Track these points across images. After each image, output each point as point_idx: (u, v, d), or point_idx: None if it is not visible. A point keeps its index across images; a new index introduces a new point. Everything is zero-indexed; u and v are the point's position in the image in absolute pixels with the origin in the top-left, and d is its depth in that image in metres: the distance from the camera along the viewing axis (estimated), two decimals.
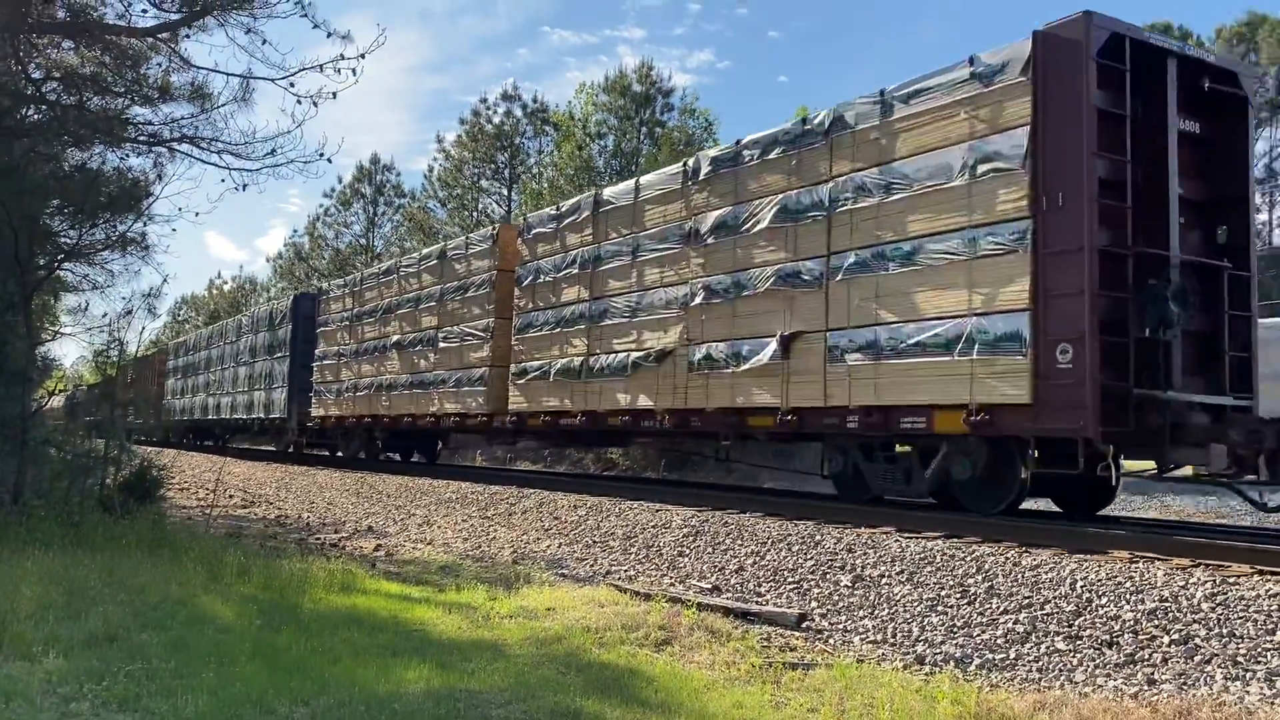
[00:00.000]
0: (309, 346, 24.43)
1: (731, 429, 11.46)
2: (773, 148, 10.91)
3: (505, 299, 16.01)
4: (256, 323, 28.60)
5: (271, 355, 26.34)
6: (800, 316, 10.28)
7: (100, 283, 14.64)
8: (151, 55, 11.38)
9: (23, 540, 8.11)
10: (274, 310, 27.49)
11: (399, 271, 20.14)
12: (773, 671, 5.60)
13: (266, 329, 27.15)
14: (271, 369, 26.17)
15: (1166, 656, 5.49)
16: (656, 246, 12.54)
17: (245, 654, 5.25)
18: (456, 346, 17.22)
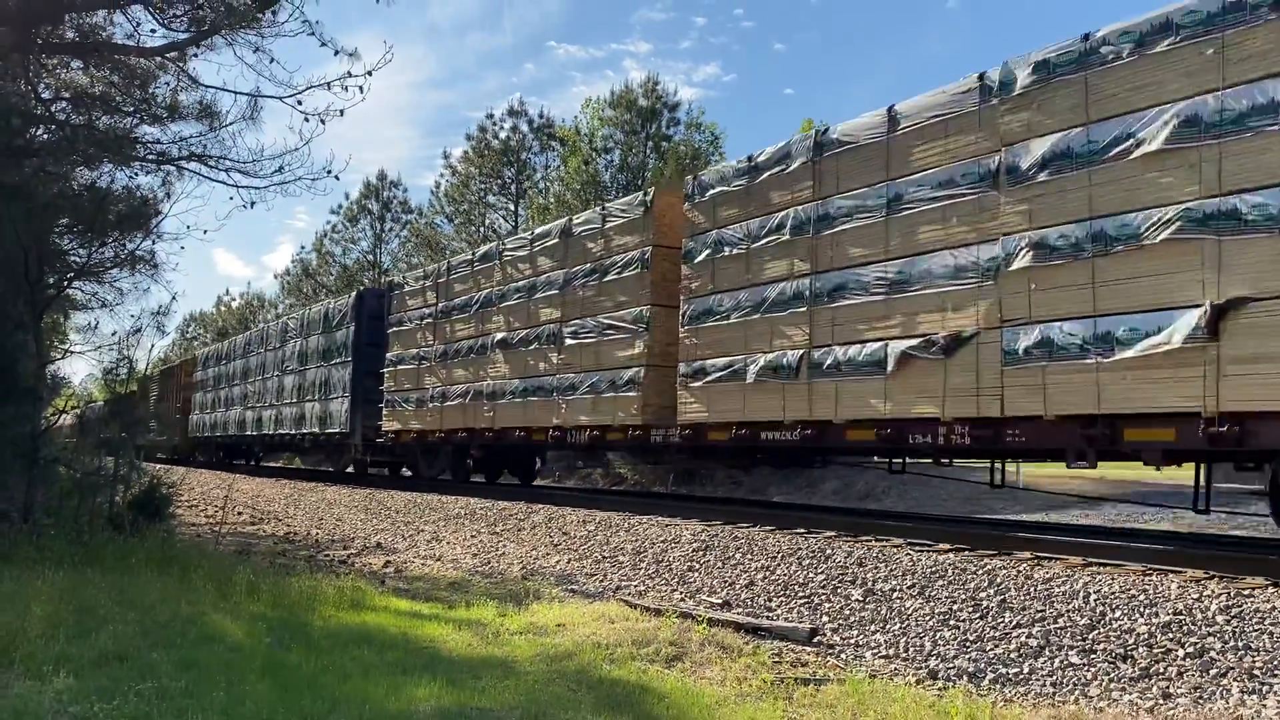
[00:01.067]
0: (376, 350, 21.12)
1: (1088, 444, 8.03)
2: (1160, 36, 7.60)
3: (666, 281, 12.90)
4: (307, 325, 25.03)
5: (328, 361, 23.08)
6: (1239, 275, 6.98)
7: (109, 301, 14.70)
8: (160, 74, 11.46)
9: (33, 559, 8.10)
10: (330, 310, 23.81)
11: (501, 257, 16.73)
12: (784, 687, 5.56)
13: (321, 331, 23.81)
14: (328, 377, 22.95)
15: (1182, 670, 5.45)
16: (932, 195, 9.22)
17: (255, 672, 5.23)
18: (592, 343, 13.90)
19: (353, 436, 21.57)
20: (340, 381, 22.18)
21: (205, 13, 10.42)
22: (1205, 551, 7.54)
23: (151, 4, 10.45)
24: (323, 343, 23.58)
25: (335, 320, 23.14)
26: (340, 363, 22.37)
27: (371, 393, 20.81)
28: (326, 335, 23.44)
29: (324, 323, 23.80)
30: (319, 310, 24.96)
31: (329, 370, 22.93)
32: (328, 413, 22.66)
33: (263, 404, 27.61)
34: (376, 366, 20.81)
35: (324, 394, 23.01)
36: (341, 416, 21.85)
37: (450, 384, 17.74)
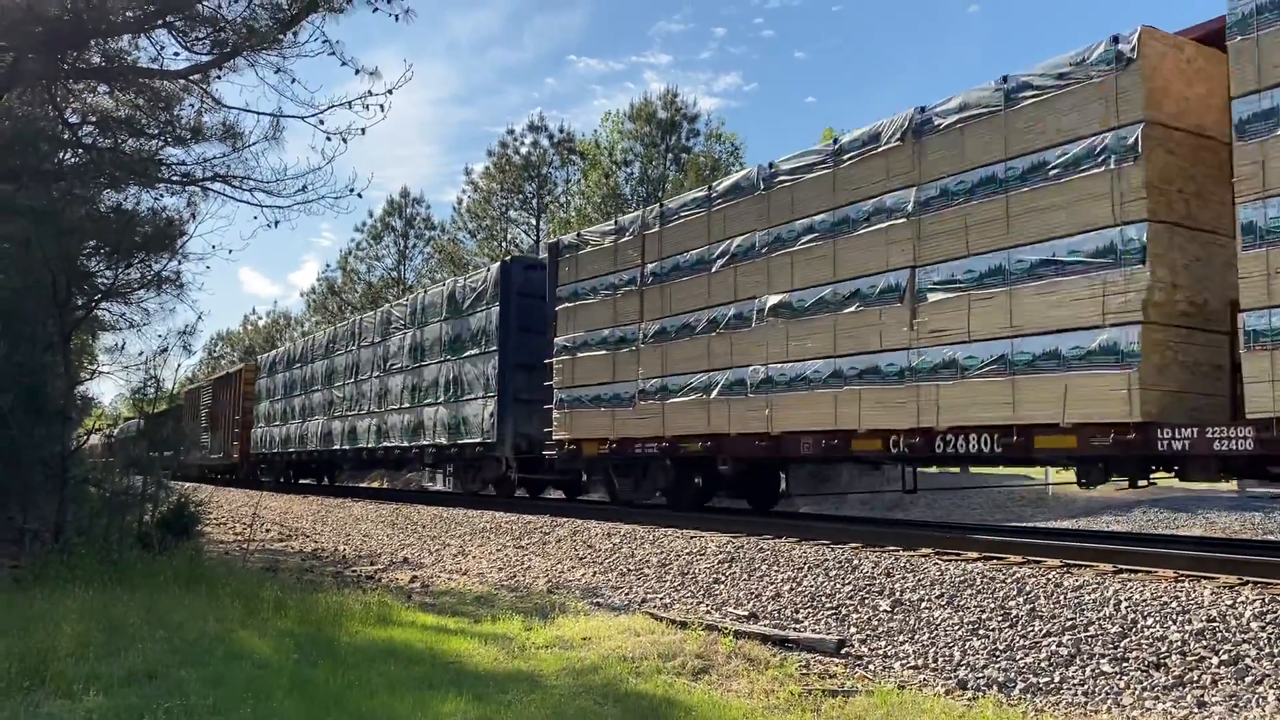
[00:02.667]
0: (528, 337, 16.83)
1: None
2: None
3: (1166, 183, 8.03)
4: (422, 311, 20.61)
5: (458, 354, 18.68)
6: None
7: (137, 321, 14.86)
8: (184, 97, 11.62)
9: (63, 578, 8.18)
10: (459, 290, 19.11)
11: (771, 184, 11.59)
12: (812, 699, 5.52)
13: (445, 317, 19.44)
14: (458, 373, 18.54)
15: (1216, 678, 5.37)
16: None
17: (283, 689, 5.25)
18: (995, 295, 9.02)
19: (500, 447, 16.98)
20: (478, 378, 17.72)
21: (227, 35, 10.55)
22: (1239, 556, 7.43)
23: (175, 28, 10.59)
24: (448, 331, 19.15)
25: (467, 301, 18.60)
26: (477, 355, 17.95)
27: (524, 391, 16.65)
28: (454, 321, 19.02)
29: (449, 306, 19.26)
30: (440, 291, 20.15)
31: (459, 365, 18.51)
32: (459, 419, 18.21)
33: (356, 411, 23.41)
34: (531, 357, 16.48)
35: (453, 395, 18.61)
36: (482, 422, 17.33)
37: (672, 372, 12.95)
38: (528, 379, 16.60)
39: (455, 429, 18.43)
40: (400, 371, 21.27)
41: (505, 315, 17.35)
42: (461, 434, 18.16)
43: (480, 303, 18.12)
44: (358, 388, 23.62)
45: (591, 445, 14.64)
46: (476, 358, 18.01)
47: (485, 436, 17.35)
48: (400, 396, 21.15)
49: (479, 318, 18.08)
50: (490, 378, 17.37)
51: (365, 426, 22.80)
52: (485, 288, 18.01)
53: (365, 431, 22.77)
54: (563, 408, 15.13)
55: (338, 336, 25.94)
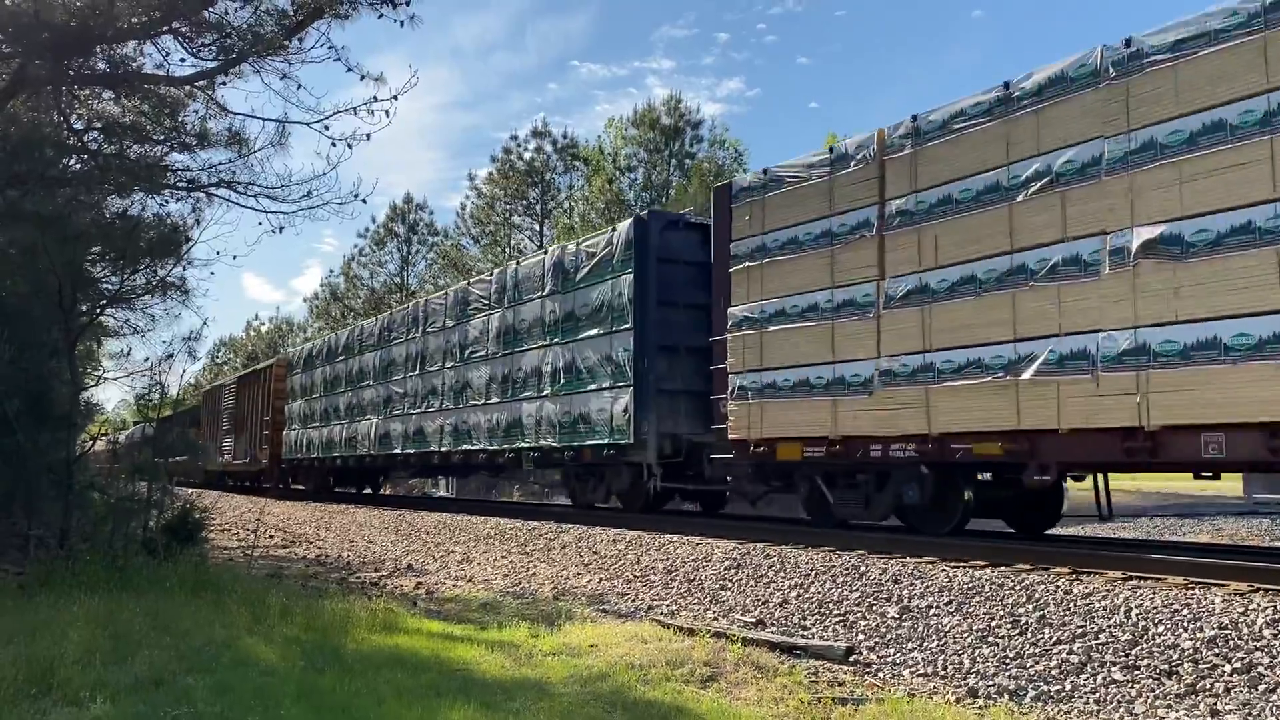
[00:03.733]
0: (671, 313, 13.91)
1: None
2: None
3: None
4: (516, 286, 17.05)
5: (570, 336, 15.33)
6: None
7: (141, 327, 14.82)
8: (189, 103, 11.61)
9: (69, 584, 8.16)
10: (573, 256, 15.59)
11: (1126, 66, 8.26)
12: (822, 707, 5.49)
13: (551, 292, 15.99)
14: (573, 360, 15.18)
15: (1229, 686, 5.33)
16: None
17: (290, 696, 5.22)
18: None
19: (638, 450, 13.63)
20: (602, 365, 14.43)
21: (233, 41, 10.55)
22: (1249, 563, 7.39)
23: (180, 34, 10.59)
24: (555, 309, 15.86)
25: (582, 270, 15.22)
26: (599, 336, 14.59)
27: (666, 379, 13.77)
28: (562, 297, 15.72)
29: (555, 278, 15.92)
30: (539, 262, 16.57)
31: (572, 349, 15.21)
32: (576, 415, 14.91)
33: (423, 409, 20.06)
34: (672, 337, 13.86)
35: (565, 385, 15.29)
36: (611, 419, 14.02)
37: (942, 346, 9.61)
38: (670, 365, 13.77)
39: (570, 428, 14.99)
40: (485, 360, 17.78)
41: (642, 285, 13.89)
42: (580, 434, 14.73)
43: (603, 271, 14.68)
44: (424, 381, 20.18)
45: (790, 447, 11.15)
46: (599, 339, 14.56)
47: (617, 436, 13.89)
48: (485, 390, 17.66)
49: (603, 290, 14.56)
50: (623, 363, 13.90)
51: (436, 427, 19.27)
52: (610, 252, 14.56)
53: (436, 433, 19.25)
54: (743, 398, 11.62)
55: (395, 323, 22.31)
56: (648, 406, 13.57)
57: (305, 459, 26.81)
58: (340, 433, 24.33)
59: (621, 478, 14.56)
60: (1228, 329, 7.38)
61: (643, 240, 14.06)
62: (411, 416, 20.57)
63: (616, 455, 14.07)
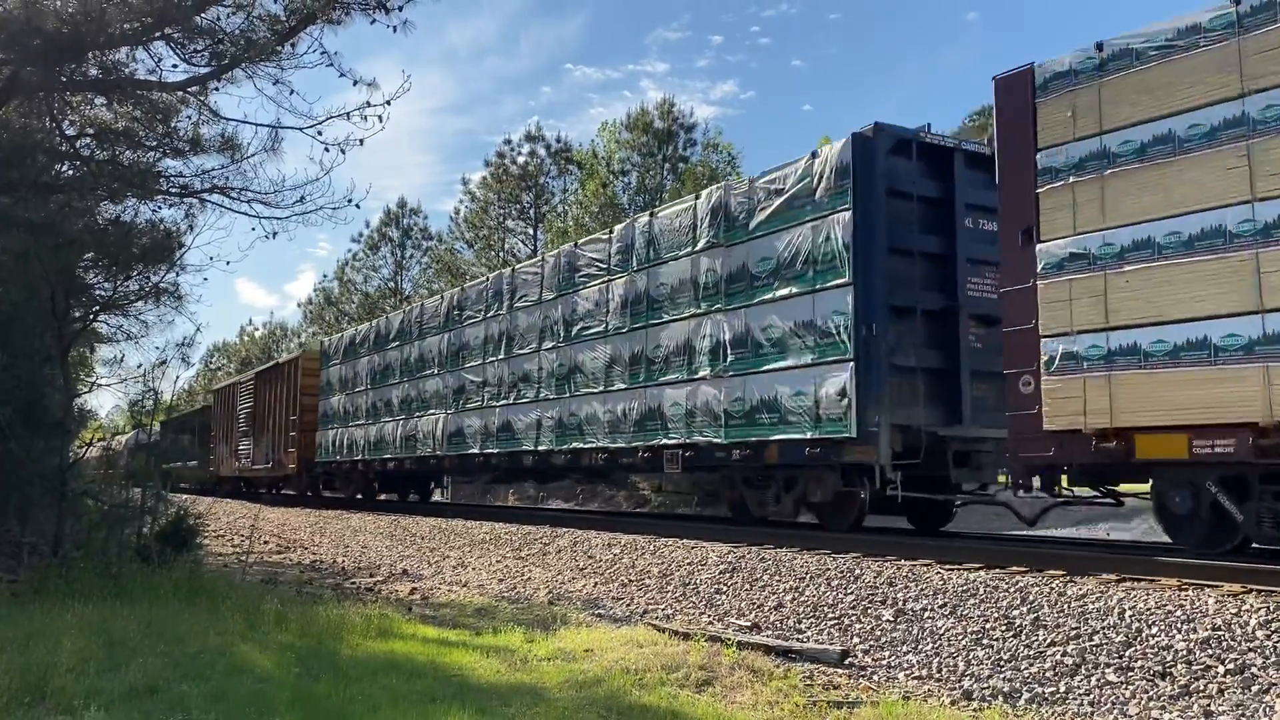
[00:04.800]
0: (906, 265, 10.87)
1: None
2: None
3: None
4: (649, 243, 13.81)
5: (741, 298, 11.96)
6: None
7: (135, 333, 14.81)
8: (182, 108, 11.59)
9: (62, 592, 8.14)
10: (743, 196, 12.15)
11: None
12: (817, 711, 5.50)
13: (709, 245, 12.58)
14: (746, 329, 11.81)
15: (1223, 687, 5.35)
16: None
17: (285, 703, 5.22)
18: None
19: (865, 445, 10.28)
20: (799, 333, 11.04)
21: (226, 47, 10.54)
22: (1242, 565, 7.41)
23: (173, 40, 10.58)
24: (714, 266, 12.42)
25: (760, 212, 11.77)
26: (794, 295, 11.15)
27: (901, 352, 10.60)
28: (728, 250, 12.23)
29: (715, 225, 12.48)
30: (686, 209, 13.23)
31: (746, 315, 11.83)
32: (763, 400, 11.43)
33: (509, 400, 16.97)
34: (909, 297, 10.81)
35: (740, 364, 11.84)
36: (822, 404, 10.59)
37: None
38: (901, 333, 10.66)
39: (743, 418, 11.68)
40: (602, 338, 14.63)
41: (866, 225, 10.53)
42: (760, 425, 11.44)
43: (796, 211, 11.22)
44: (510, 367, 17.01)
45: (1163, 440, 7.95)
46: (791, 301, 11.15)
47: (826, 428, 10.55)
48: (604, 374, 14.47)
49: (797, 235, 11.14)
50: (836, 330, 10.54)
51: (530, 421, 16.19)
52: (808, 185, 11.08)
53: (530, 428, 16.17)
54: (1070, 371, 8.42)
55: (468, 300, 19.16)
56: (877, 388, 10.27)
57: (346, 461, 23.69)
58: (394, 430, 21.30)
59: (825, 484, 10.96)
60: None
61: (866, 165, 10.67)
62: (494, 409, 17.38)
63: (824, 454, 10.67)
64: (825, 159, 10.95)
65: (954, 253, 11.01)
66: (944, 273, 11.03)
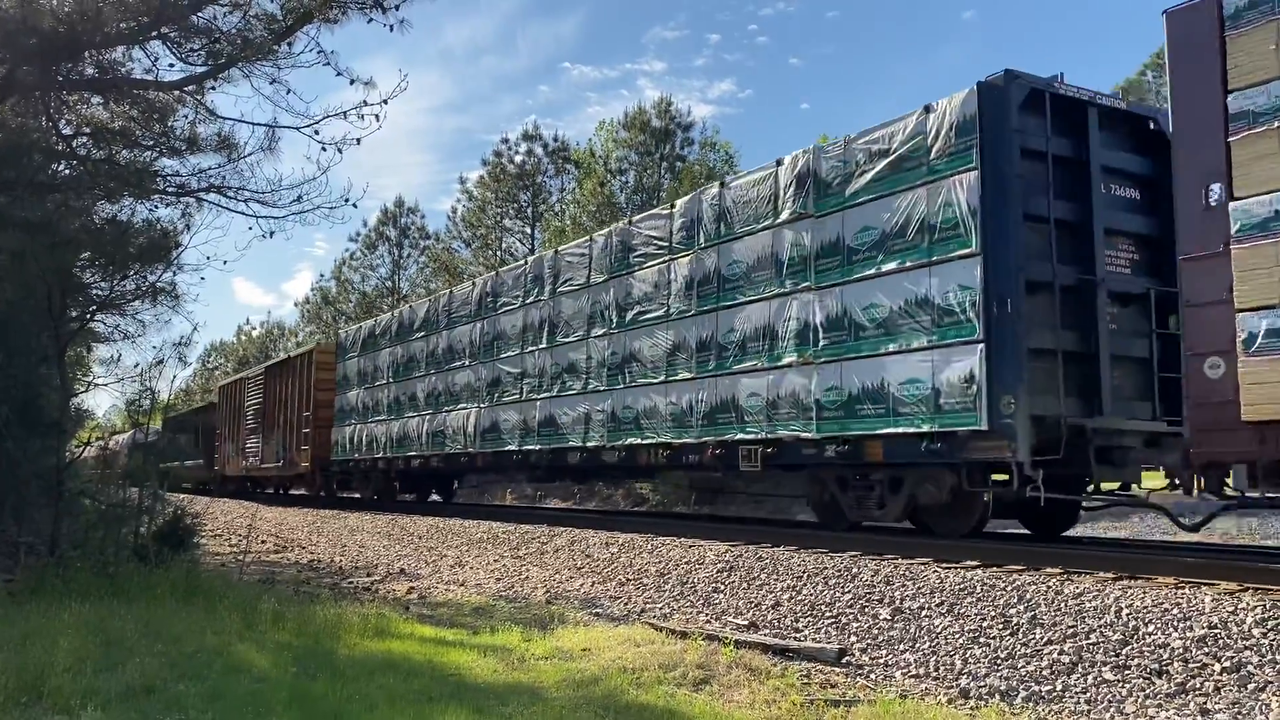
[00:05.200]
0: (1038, 234, 9.55)
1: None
2: None
3: None
4: (722, 216, 12.53)
5: (837, 276, 10.71)
6: None
7: (132, 333, 14.77)
8: (178, 108, 11.57)
9: (59, 592, 8.14)
10: (837, 160, 10.90)
11: None
12: (814, 709, 5.50)
13: (794, 215, 11.32)
14: (844, 310, 10.60)
15: (1219, 685, 5.36)
16: None
17: (282, 703, 5.22)
18: None
19: (999, 439, 9.06)
20: (918, 313, 9.80)
21: (222, 46, 10.53)
22: (1239, 563, 7.43)
23: (169, 39, 10.57)
24: (803, 240, 11.20)
25: (860, 178, 10.56)
26: (904, 269, 9.98)
27: (1038, 333, 9.35)
28: (818, 221, 11.01)
29: (804, 194, 11.22)
30: (771, 177, 11.82)
31: (846, 295, 10.58)
32: (866, 389, 10.21)
33: (556, 392, 15.72)
34: (1045, 271, 9.47)
35: (836, 348, 10.61)
36: (943, 392, 9.40)
37: None
38: (1041, 311, 9.42)
39: (840, 409, 10.44)
40: (663, 323, 13.45)
41: (998, 188, 9.34)
42: (861, 418, 10.22)
43: (906, 174, 10.07)
44: (554, 356, 15.88)
45: None
46: (901, 276, 9.98)
47: (948, 420, 9.38)
48: (664, 362, 13.31)
49: (906, 201, 10.00)
50: (960, 308, 9.38)
51: (578, 415, 15.03)
52: (920, 143, 9.96)
53: (577, 422, 15.01)
54: (1272, 352, 7.19)
55: (504, 285, 17.93)
56: (1013, 373, 9.05)
57: (365, 459, 22.58)
58: (419, 426, 20.12)
59: (940, 484, 9.79)
60: None
61: (997, 118, 9.44)
62: (534, 403, 16.14)
63: (945, 449, 9.52)
64: (942, 114, 9.79)
65: (1090, 221, 9.80)
66: (1079, 244, 9.76)
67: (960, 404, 9.27)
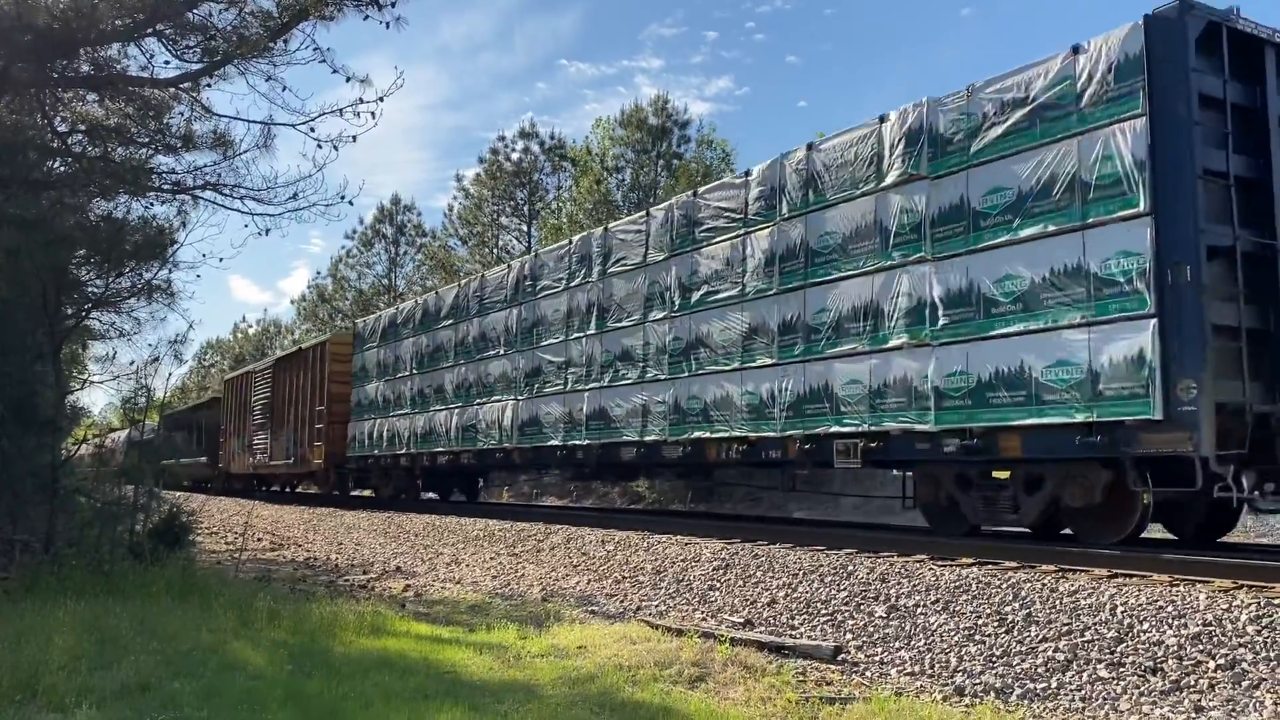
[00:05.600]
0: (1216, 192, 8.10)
1: None
2: None
3: None
4: (811, 181, 11.23)
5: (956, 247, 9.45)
6: None
7: (127, 330, 14.76)
8: (174, 105, 11.55)
9: (54, 589, 8.13)
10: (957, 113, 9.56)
11: None
12: (810, 707, 5.51)
13: (900, 177, 10.07)
14: (969, 285, 9.27)
15: (1213, 682, 5.37)
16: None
17: (277, 701, 5.22)
18: None
19: (1176, 430, 7.77)
20: (1068, 285, 8.54)
21: (218, 43, 10.51)
22: (1233, 560, 7.44)
23: (165, 36, 10.54)
24: (915, 205, 9.92)
25: (989, 131, 9.26)
26: (1048, 234, 8.71)
27: (1220, 309, 8.07)
28: (935, 184, 9.75)
29: (916, 153, 9.94)
30: (873, 136, 10.52)
31: (971, 267, 9.31)
32: (1000, 374, 8.88)
33: (607, 382, 14.43)
34: (1225, 236, 8.16)
35: (960, 328, 9.32)
36: (1105, 375, 8.15)
37: None
38: (1220, 281, 8.12)
39: (973, 397, 9.10)
40: (736, 303, 12.16)
41: (1172, 137, 8.07)
42: (995, 408, 8.91)
43: (1049, 123, 8.78)
44: (604, 344, 14.64)
45: None
46: (1045, 243, 8.69)
47: (1111, 409, 8.11)
48: (738, 349, 12.05)
49: (1051, 156, 8.70)
50: (1129, 276, 8.10)
51: (633, 407, 13.75)
52: (1067, 89, 8.67)
53: (632, 415, 13.71)
54: None
55: (544, 268, 16.57)
56: (1193, 353, 7.75)
57: (385, 456, 21.38)
58: (447, 420, 18.90)
59: (1091, 483, 8.56)
60: None
61: (1170, 56, 8.13)
62: (581, 394, 14.96)
63: (1105, 443, 8.22)
64: (1096, 54, 8.50)
65: (1269, 178, 8.43)
66: (1258, 204, 8.41)
67: (1127, 389, 7.99)
